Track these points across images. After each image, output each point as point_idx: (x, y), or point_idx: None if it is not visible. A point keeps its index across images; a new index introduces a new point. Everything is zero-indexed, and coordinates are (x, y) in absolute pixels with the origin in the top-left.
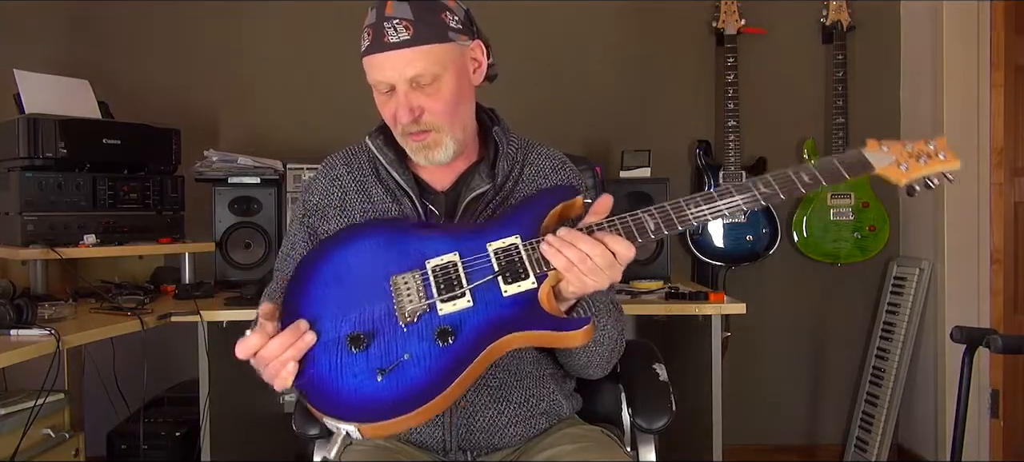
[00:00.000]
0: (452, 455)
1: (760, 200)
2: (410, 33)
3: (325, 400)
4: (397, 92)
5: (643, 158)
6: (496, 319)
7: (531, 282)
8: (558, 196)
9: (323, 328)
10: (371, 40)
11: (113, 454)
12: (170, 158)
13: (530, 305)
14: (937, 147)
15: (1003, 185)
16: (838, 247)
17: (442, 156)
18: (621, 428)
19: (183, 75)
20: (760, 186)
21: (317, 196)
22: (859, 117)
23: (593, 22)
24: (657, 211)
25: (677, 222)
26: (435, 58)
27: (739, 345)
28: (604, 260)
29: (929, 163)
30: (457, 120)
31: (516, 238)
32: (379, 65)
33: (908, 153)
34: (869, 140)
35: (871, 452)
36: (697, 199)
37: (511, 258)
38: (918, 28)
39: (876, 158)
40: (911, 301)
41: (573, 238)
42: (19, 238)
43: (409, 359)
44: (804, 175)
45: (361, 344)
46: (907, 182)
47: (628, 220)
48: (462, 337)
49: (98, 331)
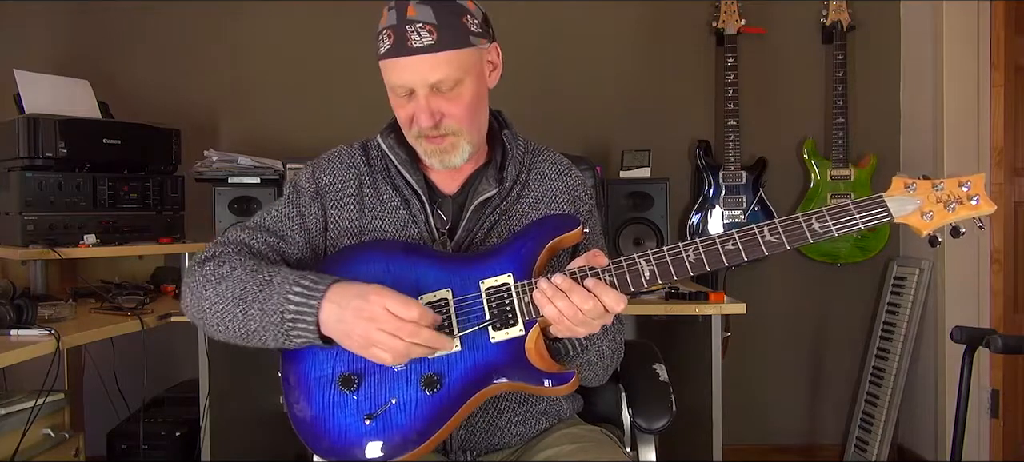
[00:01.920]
0: (453, 455)
1: (764, 250)
2: (434, 38)
3: (316, 441)
4: (417, 96)
5: (643, 158)
6: (483, 364)
7: (519, 329)
8: (555, 229)
9: (319, 363)
10: (392, 43)
11: (113, 454)
12: (170, 158)
13: (516, 353)
14: (971, 190)
15: (1003, 185)
16: (838, 247)
17: (458, 159)
18: (621, 428)
19: (183, 75)
20: (767, 233)
21: (330, 177)
22: (859, 117)
23: (593, 22)
24: (655, 257)
25: (673, 271)
26: (458, 63)
27: (739, 345)
28: (595, 312)
29: (958, 210)
30: (475, 124)
31: (509, 277)
32: (401, 69)
33: (936, 198)
34: (895, 178)
35: (871, 452)
36: (696, 243)
37: (502, 301)
38: (918, 28)
39: (898, 205)
40: (911, 301)
41: (567, 287)
42: (19, 238)
43: (396, 404)
44: (816, 224)
45: (352, 385)
46: (929, 233)
47: (623, 267)
48: (448, 384)
49: (98, 331)
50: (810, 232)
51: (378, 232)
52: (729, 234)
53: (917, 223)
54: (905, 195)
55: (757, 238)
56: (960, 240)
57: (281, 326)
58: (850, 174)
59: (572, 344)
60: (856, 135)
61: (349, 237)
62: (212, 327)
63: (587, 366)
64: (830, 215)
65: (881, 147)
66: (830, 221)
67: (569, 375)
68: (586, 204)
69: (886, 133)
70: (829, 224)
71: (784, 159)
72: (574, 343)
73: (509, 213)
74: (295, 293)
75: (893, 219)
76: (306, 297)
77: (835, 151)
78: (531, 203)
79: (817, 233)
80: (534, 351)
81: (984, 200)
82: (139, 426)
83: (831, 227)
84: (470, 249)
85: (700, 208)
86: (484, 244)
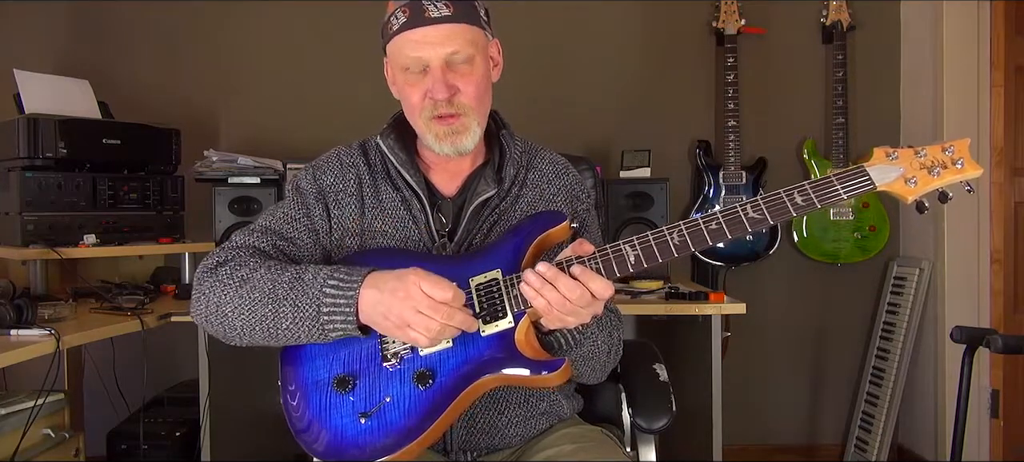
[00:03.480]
0: (453, 455)
1: (747, 226)
2: (451, 10)
3: (314, 442)
4: (432, 69)
5: (643, 158)
6: (474, 359)
7: (508, 321)
8: (542, 224)
9: (316, 366)
10: (409, 17)
11: (113, 454)
12: (170, 158)
13: (507, 345)
14: (955, 153)
15: (1003, 185)
16: (838, 247)
17: (469, 142)
18: (621, 428)
19: (183, 75)
20: (749, 210)
21: (331, 178)
22: (859, 117)
23: (593, 22)
24: (639, 242)
25: (658, 253)
26: (473, 38)
27: (739, 345)
28: (583, 300)
29: (943, 174)
30: (482, 109)
31: (497, 272)
32: (418, 40)
33: (919, 164)
34: (876, 149)
35: (871, 452)
36: (680, 226)
37: (491, 295)
38: (918, 28)
39: (881, 173)
40: (911, 301)
41: (552, 277)
42: (19, 238)
43: (390, 402)
44: (797, 197)
45: (347, 386)
46: (915, 199)
47: (608, 253)
48: (441, 380)
49: (98, 331)
50: (793, 205)
51: (378, 233)
52: (712, 214)
53: (901, 190)
54: (887, 163)
55: (740, 215)
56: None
57: (317, 320)
58: None
59: (565, 338)
60: (856, 135)
61: (351, 237)
62: (235, 330)
63: (582, 361)
64: (812, 188)
65: None
66: (812, 193)
67: (559, 362)
68: (584, 203)
69: (886, 133)
70: (811, 195)
71: (784, 159)
72: (568, 337)
73: (508, 214)
74: (330, 286)
75: (876, 187)
76: (343, 288)
77: (835, 151)
78: (529, 203)
79: (800, 206)
80: (525, 342)
81: (969, 163)
82: (139, 426)
83: (813, 199)
84: (470, 250)
85: (700, 208)
86: (483, 245)
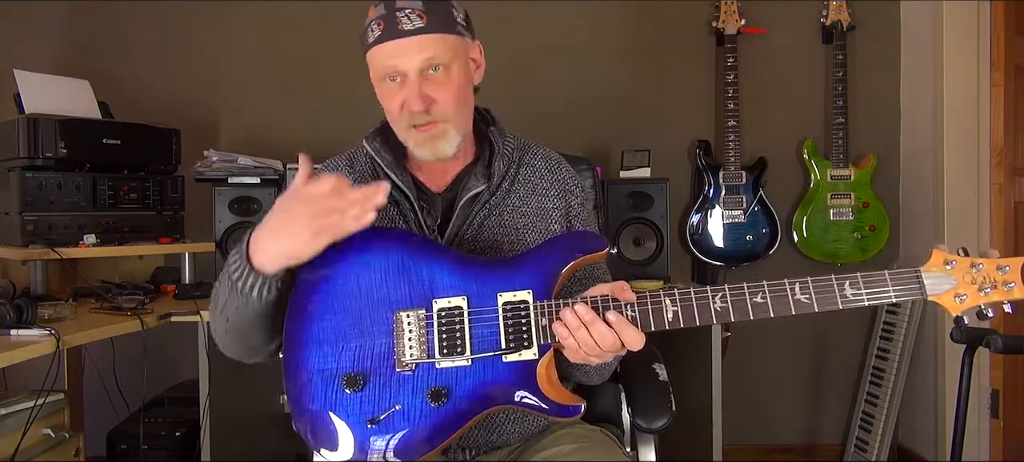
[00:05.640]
0: (451, 453)
1: (792, 309)
2: (424, 21)
3: (318, 438)
4: (409, 80)
5: (643, 158)
6: (491, 383)
7: (532, 353)
8: (581, 248)
9: (324, 355)
10: (383, 29)
11: (113, 454)
12: (170, 158)
13: (527, 377)
14: (1009, 274)
15: (1003, 185)
16: (838, 247)
17: (448, 148)
18: (621, 428)
19: (183, 75)
20: (797, 291)
21: None
22: (859, 117)
23: (593, 22)
24: (681, 298)
25: (697, 315)
26: (448, 46)
27: (739, 345)
28: (613, 347)
29: (991, 294)
30: (462, 113)
31: (528, 294)
32: (392, 52)
33: (972, 278)
34: (935, 250)
35: (871, 452)
36: (724, 290)
37: (518, 320)
38: (918, 28)
39: (935, 283)
40: (911, 301)
41: (589, 320)
42: (19, 238)
43: (400, 411)
44: (848, 290)
45: (356, 385)
46: (958, 314)
47: (648, 304)
48: (454, 400)
49: (98, 331)
50: (841, 297)
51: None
52: (759, 286)
53: (949, 304)
54: (942, 273)
55: (788, 296)
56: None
57: (232, 289)
58: (850, 174)
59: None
60: (856, 135)
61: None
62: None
63: (593, 371)
64: (864, 282)
65: (881, 147)
66: (863, 288)
67: (576, 408)
68: (577, 198)
69: (886, 133)
70: (862, 291)
71: (784, 159)
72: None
73: (499, 208)
74: (232, 257)
75: (926, 298)
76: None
77: (835, 151)
78: (521, 197)
79: (848, 299)
80: (545, 377)
81: (1019, 287)
82: (139, 426)
83: (863, 295)
84: (462, 245)
85: (700, 208)
86: (476, 240)
